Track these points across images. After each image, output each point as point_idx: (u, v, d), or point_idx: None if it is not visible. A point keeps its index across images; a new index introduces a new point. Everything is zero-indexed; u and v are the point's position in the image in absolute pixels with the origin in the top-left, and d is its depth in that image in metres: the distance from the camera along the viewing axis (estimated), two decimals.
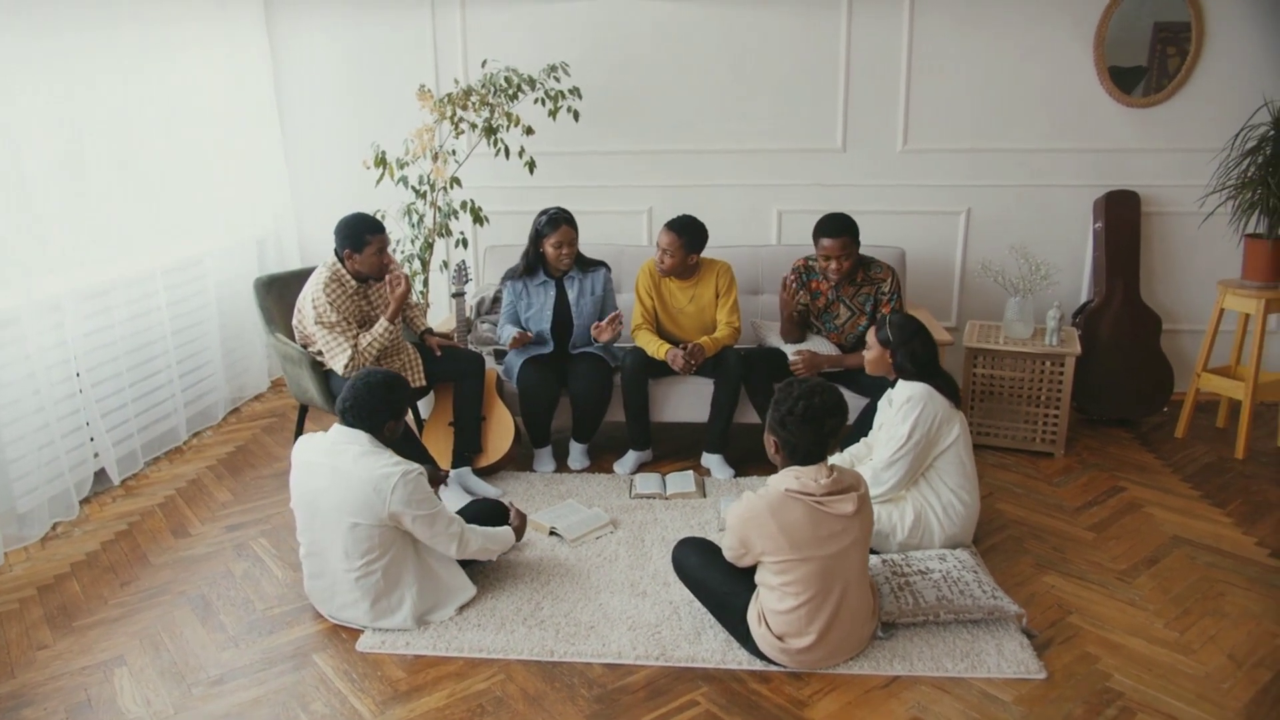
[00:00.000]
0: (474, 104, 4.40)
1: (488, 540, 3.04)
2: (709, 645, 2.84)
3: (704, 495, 3.89)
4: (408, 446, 3.48)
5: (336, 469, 2.83)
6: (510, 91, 4.39)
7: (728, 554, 2.77)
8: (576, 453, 4.22)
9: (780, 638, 2.67)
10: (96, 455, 3.97)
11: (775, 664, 2.73)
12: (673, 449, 4.37)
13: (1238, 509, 3.75)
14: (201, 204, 4.62)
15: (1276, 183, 3.95)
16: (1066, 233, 4.86)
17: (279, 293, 4.12)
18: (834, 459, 3.43)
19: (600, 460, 4.25)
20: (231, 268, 4.83)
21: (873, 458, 3.27)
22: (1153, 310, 4.65)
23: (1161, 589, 3.17)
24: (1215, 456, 4.27)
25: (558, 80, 4.51)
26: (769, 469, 4.14)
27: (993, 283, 4.62)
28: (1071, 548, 3.46)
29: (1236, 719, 2.53)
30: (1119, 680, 2.69)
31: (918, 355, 3.24)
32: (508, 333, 4.07)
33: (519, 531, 3.28)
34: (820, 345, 4.03)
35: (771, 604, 2.67)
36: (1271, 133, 4.06)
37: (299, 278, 4.21)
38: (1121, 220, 4.67)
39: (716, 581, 2.86)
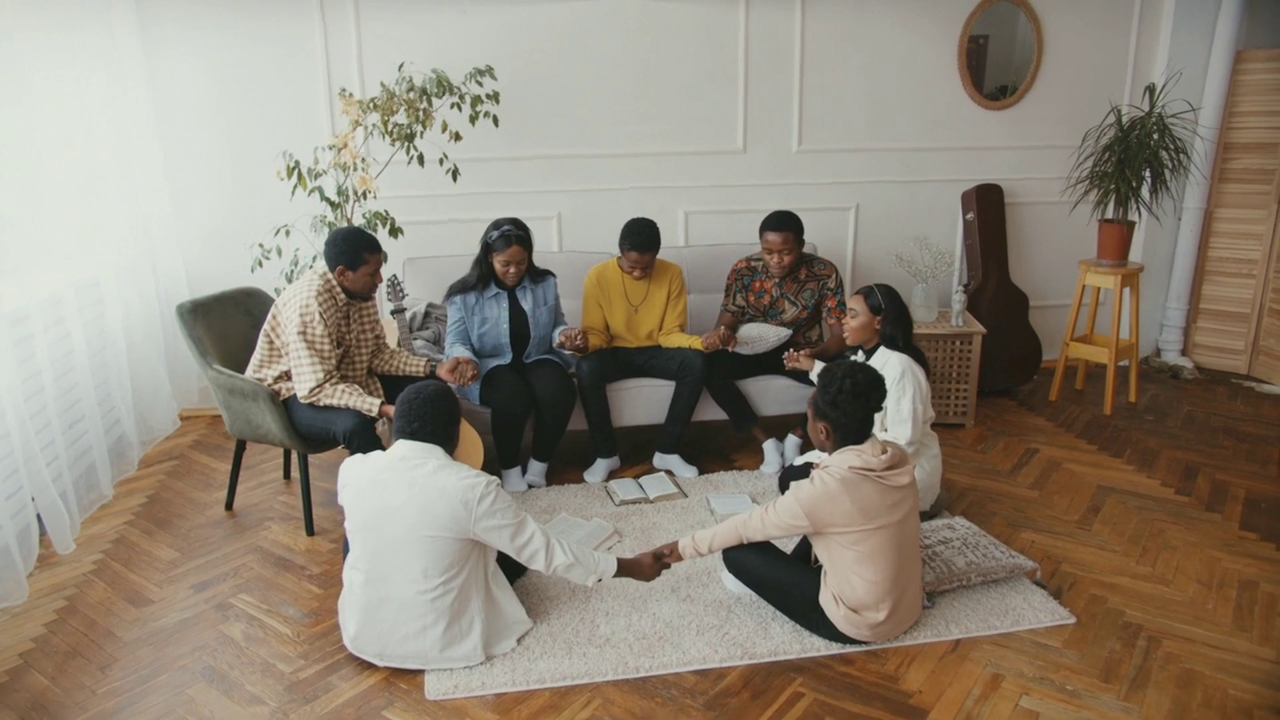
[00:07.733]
0: (400, 108, 4.14)
1: (581, 558, 2.81)
2: (781, 637, 2.91)
3: (685, 495, 3.93)
4: None
5: (414, 483, 2.64)
6: (429, 97, 4.18)
7: (775, 530, 2.82)
8: (535, 471, 4.09)
9: (858, 611, 2.78)
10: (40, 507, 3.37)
11: (851, 641, 2.84)
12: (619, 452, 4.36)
13: (1132, 457, 4.34)
14: (86, 224, 4.00)
15: (1133, 173, 4.59)
16: (940, 223, 5.35)
17: (206, 319, 3.67)
18: None
19: (557, 475, 4.15)
20: (128, 292, 4.22)
21: (887, 431, 3.46)
22: (1021, 290, 5.24)
23: (1117, 532, 3.62)
24: (1090, 415, 4.89)
25: (480, 84, 4.34)
26: (727, 465, 4.27)
27: (904, 272, 4.99)
28: (1027, 506, 3.85)
29: (1233, 632, 2.96)
30: (1132, 615, 3.05)
31: (908, 323, 3.52)
32: (457, 354, 3.87)
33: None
34: (767, 330, 4.17)
35: (848, 578, 2.77)
36: (1119, 133, 4.71)
37: (222, 301, 3.81)
38: (990, 210, 5.22)
39: (780, 572, 2.93)
